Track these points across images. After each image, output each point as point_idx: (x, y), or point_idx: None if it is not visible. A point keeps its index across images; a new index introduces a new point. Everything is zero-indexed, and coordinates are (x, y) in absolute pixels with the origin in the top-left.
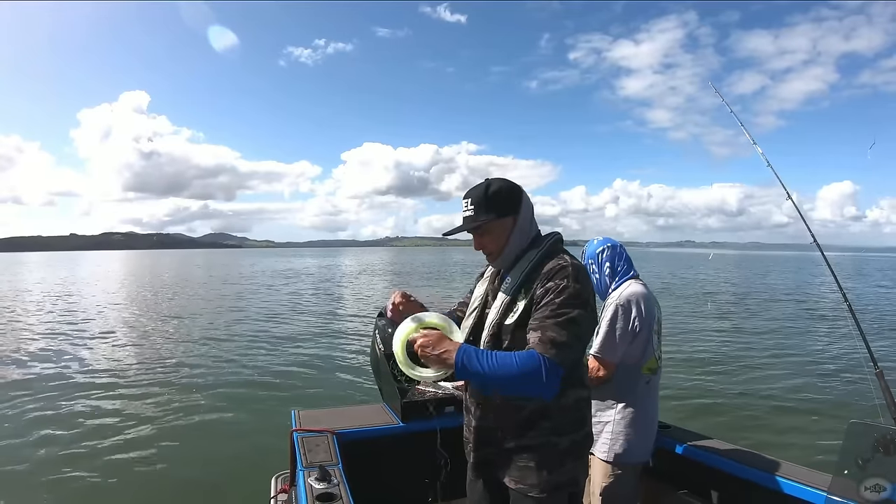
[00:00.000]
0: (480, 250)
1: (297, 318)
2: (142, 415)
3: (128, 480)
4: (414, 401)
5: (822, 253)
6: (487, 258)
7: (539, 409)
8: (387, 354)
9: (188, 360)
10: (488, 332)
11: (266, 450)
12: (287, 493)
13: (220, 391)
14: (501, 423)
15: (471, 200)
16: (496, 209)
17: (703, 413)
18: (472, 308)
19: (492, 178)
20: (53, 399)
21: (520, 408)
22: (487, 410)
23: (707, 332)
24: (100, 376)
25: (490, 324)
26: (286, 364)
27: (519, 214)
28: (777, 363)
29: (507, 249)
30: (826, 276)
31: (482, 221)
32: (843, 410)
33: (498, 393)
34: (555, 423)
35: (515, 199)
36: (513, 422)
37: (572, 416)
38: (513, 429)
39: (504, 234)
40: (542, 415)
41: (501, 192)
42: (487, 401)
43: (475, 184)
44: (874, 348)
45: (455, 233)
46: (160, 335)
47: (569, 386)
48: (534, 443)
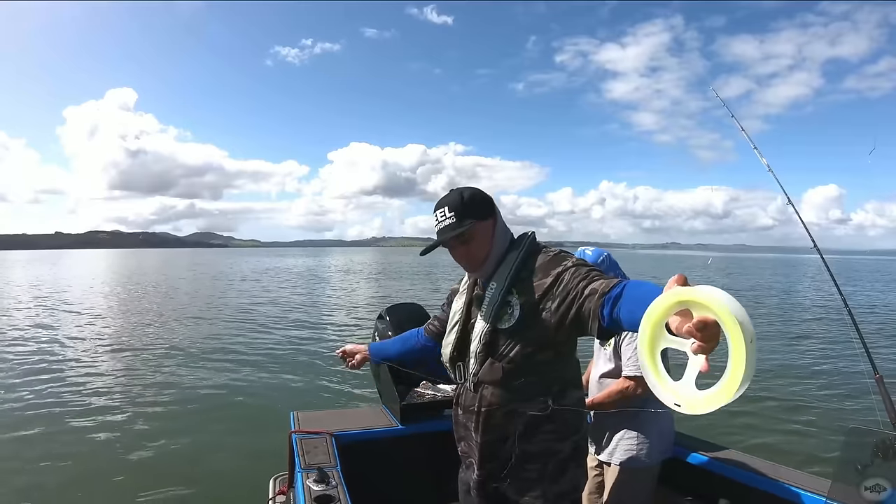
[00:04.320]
0: (462, 261)
1: (296, 319)
2: (140, 416)
3: (126, 482)
4: (412, 403)
5: (822, 256)
6: (469, 268)
7: (542, 411)
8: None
9: (186, 361)
10: (480, 342)
11: (264, 451)
12: (285, 494)
13: (219, 392)
14: (507, 432)
15: (448, 208)
16: (477, 213)
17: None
18: (452, 323)
19: (458, 186)
20: (50, 401)
21: (522, 412)
22: (492, 421)
23: None
24: (96, 379)
25: (481, 333)
26: (285, 365)
27: (496, 217)
28: (774, 368)
29: (491, 254)
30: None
31: (467, 227)
32: (842, 416)
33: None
34: (558, 426)
35: (490, 201)
36: (518, 428)
37: (575, 418)
38: (518, 436)
39: (488, 237)
40: (546, 418)
41: (477, 197)
42: (492, 412)
43: (456, 186)
44: (872, 354)
45: (435, 248)
46: (157, 336)
47: (570, 386)
48: (536, 450)
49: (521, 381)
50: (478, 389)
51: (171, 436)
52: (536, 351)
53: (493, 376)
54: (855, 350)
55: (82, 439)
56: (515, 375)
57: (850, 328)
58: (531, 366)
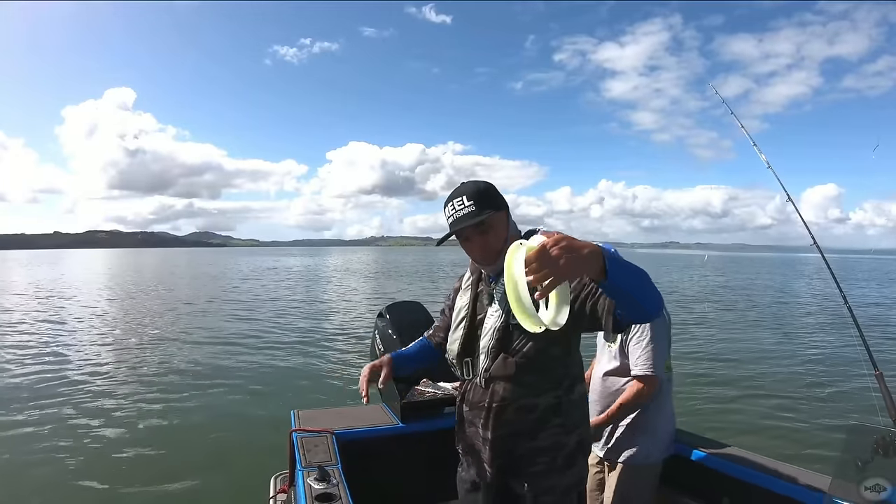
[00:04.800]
0: (478, 252)
1: (296, 319)
2: (140, 415)
3: (126, 481)
4: (413, 401)
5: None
6: (484, 260)
7: (552, 405)
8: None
9: (186, 360)
10: (492, 338)
11: (265, 450)
12: (286, 493)
13: (219, 391)
14: (517, 427)
15: (467, 197)
16: (494, 204)
17: (700, 416)
18: (458, 320)
19: (468, 180)
20: (47, 400)
21: (533, 407)
22: (504, 416)
23: (706, 335)
24: (95, 377)
25: (493, 328)
26: (285, 364)
27: (508, 211)
28: (775, 365)
29: (505, 246)
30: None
31: (488, 215)
32: (843, 412)
33: (633, 297)
34: (565, 419)
35: (500, 194)
36: (528, 423)
37: (580, 411)
38: (527, 432)
39: (505, 228)
40: (554, 411)
41: (492, 188)
42: (504, 407)
43: (460, 183)
44: (873, 350)
45: (451, 236)
46: (156, 336)
47: (577, 381)
48: (545, 444)
49: (533, 376)
50: (489, 385)
51: (172, 434)
52: (548, 346)
53: (505, 371)
54: (855, 347)
55: (83, 436)
56: (528, 371)
57: (850, 324)
58: (543, 361)
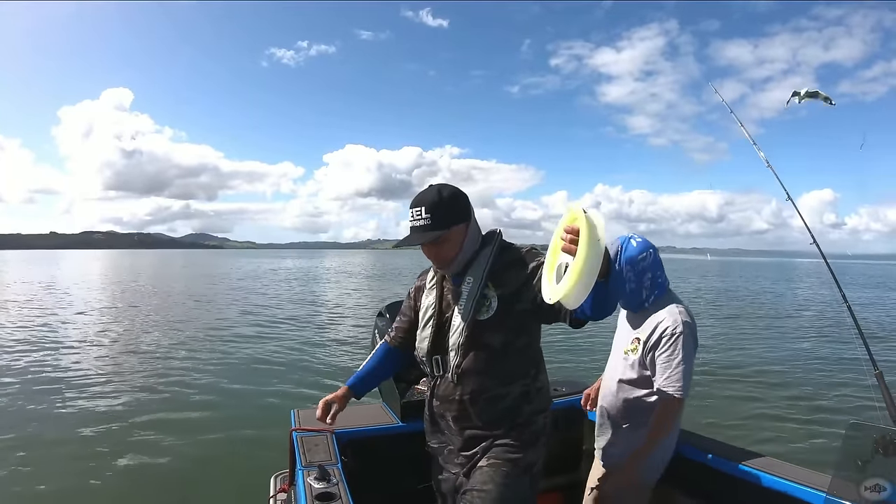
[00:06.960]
0: (432, 259)
1: (297, 318)
2: (140, 415)
3: (126, 481)
4: (413, 400)
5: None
6: (439, 265)
7: (521, 393)
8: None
9: (187, 360)
10: (462, 334)
11: (265, 449)
12: (286, 492)
13: (219, 391)
14: (490, 418)
15: (425, 209)
16: (453, 217)
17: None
18: (425, 318)
19: (437, 183)
20: (46, 399)
21: (503, 396)
22: (474, 408)
23: (706, 334)
24: (95, 377)
25: (461, 325)
26: (285, 364)
27: (471, 218)
28: (775, 365)
29: (461, 255)
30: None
31: (441, 232)
32: (843, 412)
33: (609, 301)
34: (535, 407)
35: (466, 203)
36: (498, 413)
37: (546, 396)
38: (500, 421)
39: (460, 240)
40: (523, 398)
41: (455, 198)
42: (473, 399)
43: (434, 183)
44: (872, 350)
45: (408, 245)
46: (156, 335)
47: (541, 369)
48: (514, 428)
49: (502, 367)
50: (460, 380)
51: (172, 434)
52: (515, 338)
53: (476, 365)
54: (855, 346)
55: (82, 436)
56: (496, 363)
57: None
58: (510, 353)
